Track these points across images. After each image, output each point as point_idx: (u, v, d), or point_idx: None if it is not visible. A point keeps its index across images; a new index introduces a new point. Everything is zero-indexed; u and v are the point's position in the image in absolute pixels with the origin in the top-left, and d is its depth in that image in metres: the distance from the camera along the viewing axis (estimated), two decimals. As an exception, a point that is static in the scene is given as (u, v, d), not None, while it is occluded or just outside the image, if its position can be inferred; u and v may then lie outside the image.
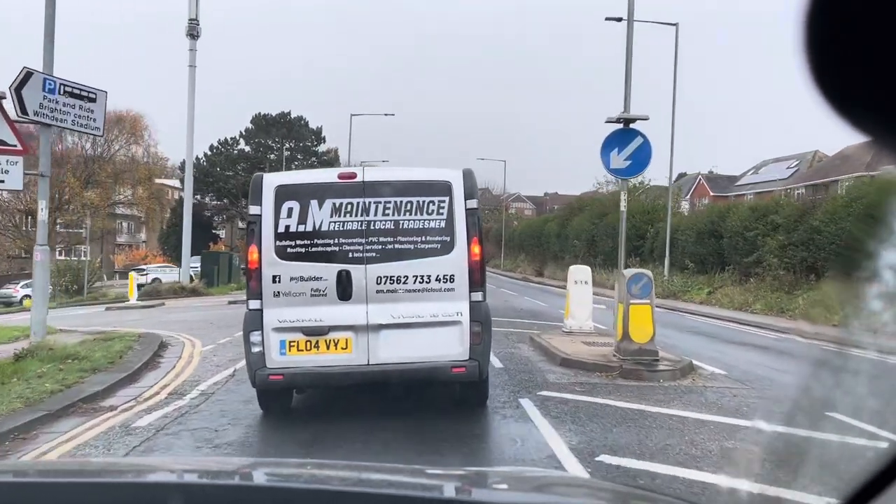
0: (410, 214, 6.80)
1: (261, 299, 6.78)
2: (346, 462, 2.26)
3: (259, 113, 66.75)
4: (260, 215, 6.81)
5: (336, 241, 6.79)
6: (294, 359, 6.76)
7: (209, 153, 66.94)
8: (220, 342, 14.07)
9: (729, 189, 61.65)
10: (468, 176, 6.99)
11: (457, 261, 6.82)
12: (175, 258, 45.00)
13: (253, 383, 6.97)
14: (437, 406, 7.93)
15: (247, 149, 67.63)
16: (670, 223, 30.14)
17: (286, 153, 64.38)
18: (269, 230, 6.79)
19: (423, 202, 6.82)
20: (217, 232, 72.83)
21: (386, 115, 44.99)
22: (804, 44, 0.76)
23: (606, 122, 11.70)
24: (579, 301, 13.38)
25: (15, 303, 39.02)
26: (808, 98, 0.77)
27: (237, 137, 67.29)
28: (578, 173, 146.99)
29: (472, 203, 6.92)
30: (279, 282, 6.77)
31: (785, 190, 49.32)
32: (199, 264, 36.31)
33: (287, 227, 6.80)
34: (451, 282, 6.79)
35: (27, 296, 38.46)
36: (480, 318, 6.85)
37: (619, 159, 11.18)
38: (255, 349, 6.79)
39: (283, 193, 6.84)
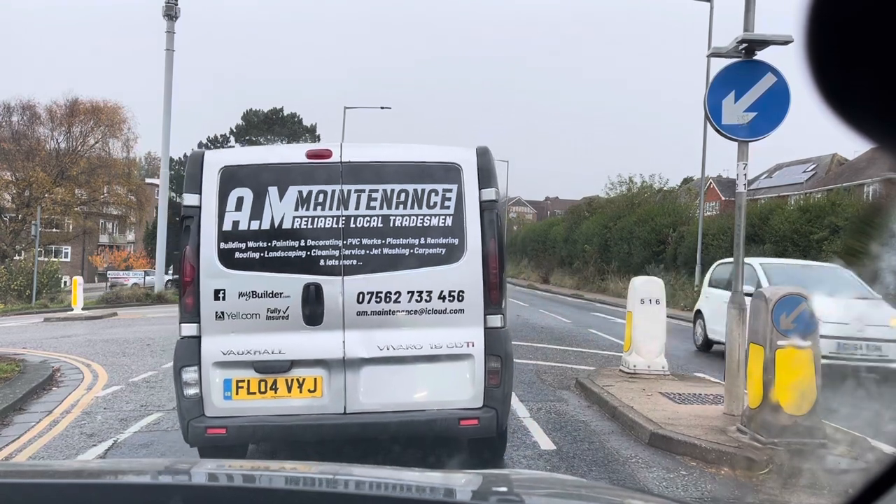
0: (405, 208, 4.94)
1: (198, 322, 4.87)
2: (347, 464, 1.92)
3: (250, 109, 62.56)
4: (198, 207, 4.85)
5: (303, 243, 4.90)
6: (243, 405, 4.85)
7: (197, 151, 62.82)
8: (133, 379, 9.70)
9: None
10: (484, 157, 5.05)
11: (468, 271, 4.91)
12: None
13: (185, 438, 4.93)
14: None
15: (237, 146, 63.43)
16: (702, 226, 25.83)
17: (278, 151, 60.21)
18: (211, 228, 4.86)
19: (424, 191, 4.96)
20: (206, 233, 68.56)
21: (382, 108, 40.90)
22: (805, 47, 0.74)
23: (711, 54, 7.35)
24: (648, 329, 9.00)
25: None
26: (815, 103, 0.75)
27: (227, 135, 63.03)
28: (579, 177, 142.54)
29: (490, 193, 4.99)
30: (223, 299, 4.86)
31: (804, 194, 45.61)
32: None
33: (235, 223, 4.88)
34: (459, 300, 4.91)
35: (136, 283, 35.40)
36: (499, 350, 4.91)
37: (735, 110, 6.83)
38: (190, 391, 4.85)
39: (232, 177, 4.90)
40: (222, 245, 4.87)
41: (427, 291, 4.90)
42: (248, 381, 4.86)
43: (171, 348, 12.61)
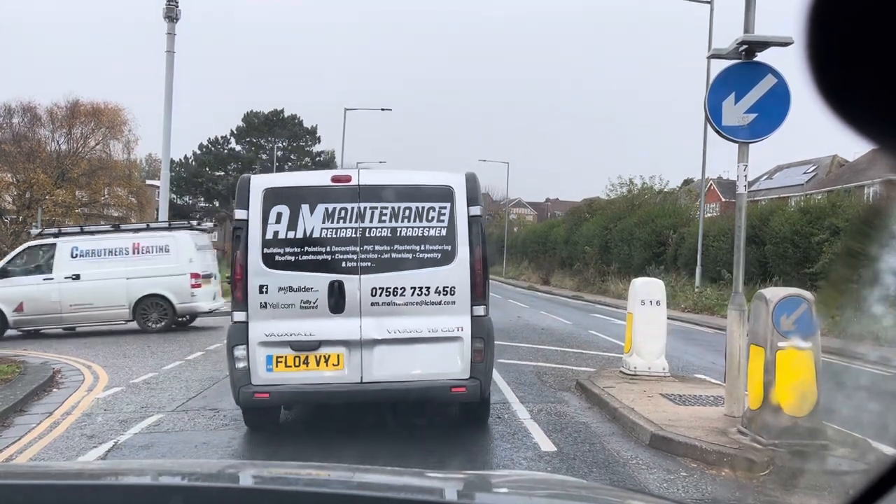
0: (409, 221, 6.17)
1: (246, 311, 6.08)
2: (347, 465, 2.06)
3: (251, 111, 62.66)
4: (246, 220, 6.12)
5: (328, 248, 6.12)
6: (281, 375, 6.07)
7: (198, 152, 62.75)
8: (134, 381, 9.69)
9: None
10: (471, 181, 6.33)
11: (458, 272, 6.14)
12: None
13: (237, 401, 6.30)
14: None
15: (238, 148, 63.41)
16: (702, 227, 25.83)
17: (279, 153, 60.07)
18: (257, 236, 6.09)
19: (423, 208, 6.18)
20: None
21: (383, 109, 40.99)
22: (805, 47, 0.74)
23: (712, 56, 7.36)
24: (648, 330, 8.99)
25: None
26: (815, 103, 0.78)
27: (228, 136, 63.17)
28: (580, 179, 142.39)
29: (476, 210, 6.24)
30: (266, 292, 6.06)
31: (805, 195, 45.61)
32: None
33: (275, 233, 6.11)
34: (451, 294, 6.12)
35: None
36: (483, 333, 6.14)
37: (736, 111, 6.83)
38: (240, 364, 6.07)
39: (272, 197, 6.15)
40: (265, 250, 6.06)
41: (426, 287, 6.07)
42: (286, 356, 6.04)
43: (170, 350, 12.70)
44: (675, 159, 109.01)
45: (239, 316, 6.09)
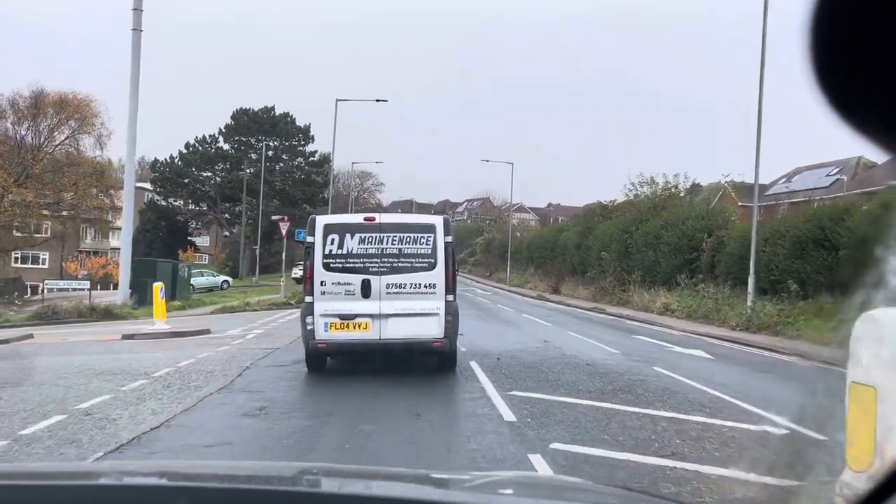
0: (409, 244, 10.10)
1: (313, 296, 9.92)
2: (351, 467, 2.14)
3: (240, 108, 57.93)
4: (313, 243, 9.99)
5: (361, 260, 10.00)
6: (333, 335, 9.88)
7: (184, 151, 57.91)
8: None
9: (760, 199, 53.04)
10: (446, 220, 10.76)
11: (438, 275, 10.08)
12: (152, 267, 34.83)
13: (306, 349, 10.17)
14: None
15: (226, 147, 58.67)
16: (756, 231, 21.07)
17: (269, 153, 55.22)
18: (320, 253, 9.95)
19: (418, 236, 10.15)
20: (193, 239, 63.46)
21: (378, 100, 36.13)
22: (809, 46, 0.71)
23: None
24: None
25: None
26: (818, 103, 0.74)
27: (216, 135, 58.42)
28: (580, 185, 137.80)
29: (449, 238, 10.33)
30: (325, 285, 9.92)
31: (831, 198, 40.99)
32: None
33: (330, 250, 9.97)
34: (433, 288, 10.05)
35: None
36: (451, 312, 10.04)
37: None
38: (309, 327, 9.86)
39: (329, 229, 10.10)
40: (324, 260, 10.09)
41: (419, 283, 10.16)
42: (336, 323, 9.96)
43: (50, 401, 7.80)
44: (678, 166, 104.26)
45: (309, 299, 10.05)
